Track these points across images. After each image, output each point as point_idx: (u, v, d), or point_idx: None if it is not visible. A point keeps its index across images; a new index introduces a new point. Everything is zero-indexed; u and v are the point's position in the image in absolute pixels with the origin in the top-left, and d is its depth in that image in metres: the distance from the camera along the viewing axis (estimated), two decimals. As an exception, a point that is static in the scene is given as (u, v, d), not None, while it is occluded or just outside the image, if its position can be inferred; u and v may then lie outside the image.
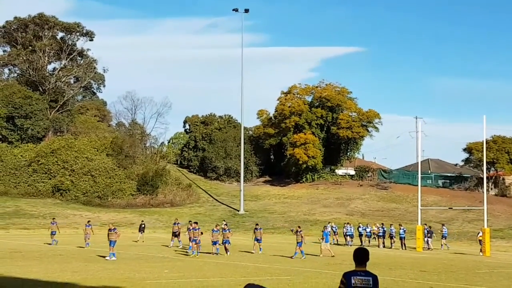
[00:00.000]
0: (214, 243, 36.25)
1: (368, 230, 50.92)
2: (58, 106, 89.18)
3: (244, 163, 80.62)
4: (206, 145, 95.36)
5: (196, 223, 37.46)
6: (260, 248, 38.19)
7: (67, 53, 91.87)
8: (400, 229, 47.93)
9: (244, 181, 78.71)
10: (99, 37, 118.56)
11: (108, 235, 32.50)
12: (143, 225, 48.87)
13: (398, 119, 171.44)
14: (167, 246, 42.11)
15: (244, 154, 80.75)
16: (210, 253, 35.95)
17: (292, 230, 39.56)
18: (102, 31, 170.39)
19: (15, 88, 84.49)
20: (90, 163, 78.93)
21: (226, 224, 44.19)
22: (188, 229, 38.05)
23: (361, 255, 8.49)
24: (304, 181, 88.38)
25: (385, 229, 48.99)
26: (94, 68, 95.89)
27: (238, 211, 73.44)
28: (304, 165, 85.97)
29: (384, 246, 47.59)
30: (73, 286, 20.28)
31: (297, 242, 35.31)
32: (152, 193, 77.72)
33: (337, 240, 51.90)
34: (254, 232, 39.12)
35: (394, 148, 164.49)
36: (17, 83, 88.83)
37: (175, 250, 39.12)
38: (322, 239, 38.10)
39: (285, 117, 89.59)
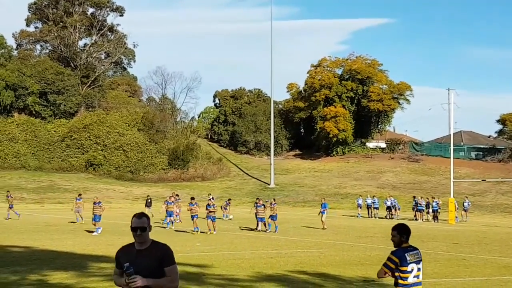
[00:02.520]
0: (260, 219, 34.09)
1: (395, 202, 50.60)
2: (89, 82, 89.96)
3: (274, 137, 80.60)
4: (236, 119, 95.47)
5: (193, 198, 34.62)
6: (266, 225, 34.36)
7: (97, 28, 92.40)
8: (433, 201, 47.55)
9: (274, 155, 78.77)
10: (128, 12, 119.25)
11: (93, 209, 31.45)
12: (149, 200, 47.67)
13: (430, 91, 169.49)
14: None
15: (274, 128, 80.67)
16: (253, 229, 34.62)
17: (267, 201, 36.83)
18: (131, 6, 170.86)
19: (47, 64, 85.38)
20: (122, 138, 79.71)
21: (212, 199, 41.06)
22: (166, 202, 36.49)
23: (410, 231, 8.13)
24: (334, 154, 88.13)
25: (417, 201, 48.61)
26: (124, 43, 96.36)
27: (269, 184, 73.63)
28: (335, 138, 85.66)
29: (416, 219, 47.28)
30: (107, 259, 20.56)
31: (271, 216, 33.75)
32: (183, 168, 78.27)
33: (371, 213, 51.24)
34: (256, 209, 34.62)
35: (426, 121, 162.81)
36: (49, 59, 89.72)
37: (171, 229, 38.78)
38: (321, 211, 36.59)
39: (315, 90, 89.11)
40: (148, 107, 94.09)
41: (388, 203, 50.34)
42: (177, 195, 41.67)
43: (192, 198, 34.65)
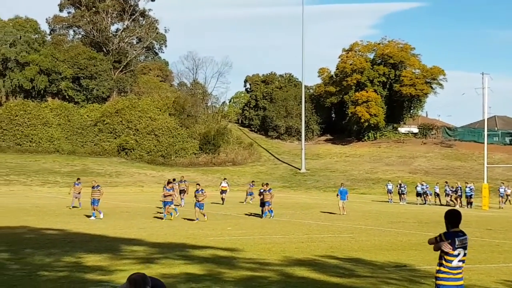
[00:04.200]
0: (263, 204, 32.29)
1: (427, 187, 50.11)
2: (121, 67, 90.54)
3: (305, 121, 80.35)
4: (267, 104, 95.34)
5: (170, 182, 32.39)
6: (270, 211, 32.45)
7: (129, 13, 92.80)
8: (466, 187, 46.97)
9: (305, 139, 78.55)
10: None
11: (91, 193, 30.49)
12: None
13: (463, 75, 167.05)
14: (179, 205, 36.90)
15: (305, 113, 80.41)
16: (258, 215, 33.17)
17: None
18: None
19: (80, 49, 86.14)
20: (154, 123, 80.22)
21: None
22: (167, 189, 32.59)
23: (458, 217, 8.52)
24: (366, 139, 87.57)
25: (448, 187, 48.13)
26: (156, 28, 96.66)
27: (300, 169, 73.53)
28: (366, 123, 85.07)
29: (447, 204, 46.78)
30: (139, 242, 20.80)
31: (265, 201, 31.93)
32: (214, 152, 78.53)
33: (402, 198, 50.74)
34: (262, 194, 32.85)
35: (459, 105, 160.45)
36: (82, 44, 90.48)
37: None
38: (337, 196, 35.86)
39: (346, 75, 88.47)
40: (179, 92, 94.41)
41: (419, 189, 49.94)
42: (173, 179, 41.24)
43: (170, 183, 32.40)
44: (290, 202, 46.79)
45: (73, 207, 35.94)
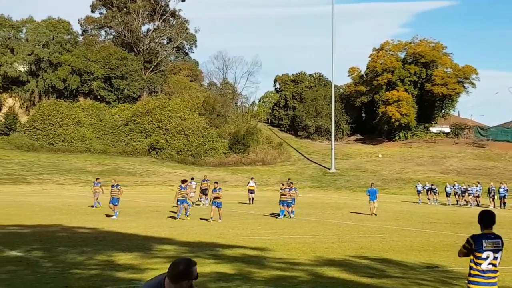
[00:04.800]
0: (283, 203, 31.54)
1: (459, 187, 49.50)
2: (152, 67, 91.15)
3: (335, 121, 80.00)
4: (296, 104, 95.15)
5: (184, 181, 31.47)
6: (291, 212, 31.90)
7: (160, 14, 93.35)
8: (499, 187, 46.24)
9: (335, 139, 78.23)
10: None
11: (110, 192, 30.62)
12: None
13: (496, 74, 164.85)
14: (198, 205, 38.13)
15: (335, 113, 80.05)
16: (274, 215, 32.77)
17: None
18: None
19: (112, 49, 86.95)
20: (184, 122, 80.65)
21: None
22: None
23: (490, 218, 8.16)
24: (396, 139, 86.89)
25: (481, 187, 47.53)
26: (186, 28, 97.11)
27: (329, 169, 73.25)
28: (397, 123, 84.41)
29: (478, 205, 46.15)
30: (170, 241, 20.92)
31: (290, 201, 31.24)
32: (244, 152, 78.65)
33: (436, 199, 50.30)
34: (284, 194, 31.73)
35: (492, 105, 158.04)
36: (113, 44, 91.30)
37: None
38: (368, 195, 35.34)
39: (377, 74, 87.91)
40: (209, 92, 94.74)
41: (448, 189, 49.38)
42: (192, 178, 41.42)
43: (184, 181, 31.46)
44: (320, 202, 46.67)
45: (92, 206, 36.32)
